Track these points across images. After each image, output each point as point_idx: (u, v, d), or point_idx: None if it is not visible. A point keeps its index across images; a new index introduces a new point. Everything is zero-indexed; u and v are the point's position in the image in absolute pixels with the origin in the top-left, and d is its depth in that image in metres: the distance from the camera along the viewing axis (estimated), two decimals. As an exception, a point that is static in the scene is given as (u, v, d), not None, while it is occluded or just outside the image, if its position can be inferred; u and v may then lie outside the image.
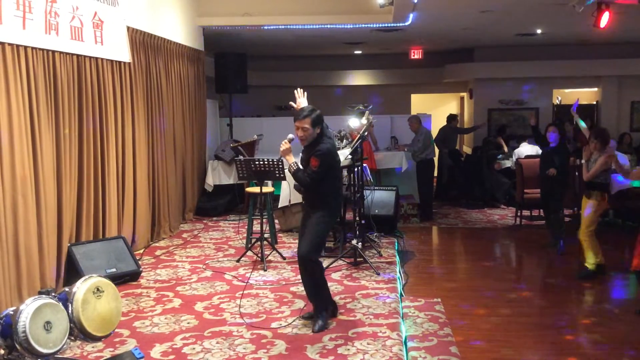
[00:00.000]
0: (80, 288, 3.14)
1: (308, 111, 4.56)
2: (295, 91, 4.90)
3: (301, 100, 4.85)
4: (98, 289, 3.21)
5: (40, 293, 3.09)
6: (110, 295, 3.28)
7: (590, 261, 6.38)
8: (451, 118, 12.03)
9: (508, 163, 10.77)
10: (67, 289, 3.23)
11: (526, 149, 9.90)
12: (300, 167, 4.64)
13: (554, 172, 7.38)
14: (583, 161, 6.63)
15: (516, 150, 10.12)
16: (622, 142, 11.29)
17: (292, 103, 4.89)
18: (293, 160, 4.63)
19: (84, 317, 3.08)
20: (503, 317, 5.28)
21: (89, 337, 3.15)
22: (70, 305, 3.09)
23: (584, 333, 4.94)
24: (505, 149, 11.42)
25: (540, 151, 8.49)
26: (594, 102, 14.17)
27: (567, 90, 14.49)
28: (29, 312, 2.90)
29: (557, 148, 7.54)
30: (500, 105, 13.99)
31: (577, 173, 8.84)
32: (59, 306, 3.04)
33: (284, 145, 4.63)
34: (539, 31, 11.13)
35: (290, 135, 4.69)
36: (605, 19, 7.63)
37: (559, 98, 10.02)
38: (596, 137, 6.42)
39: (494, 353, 4.51)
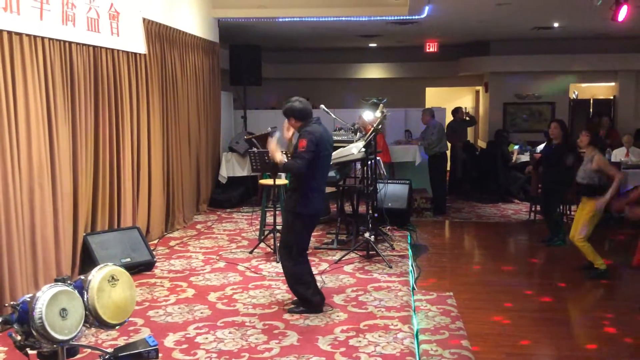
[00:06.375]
0: (96, 276, 3.17)
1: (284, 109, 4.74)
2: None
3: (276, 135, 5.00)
4: (113, 277, 3.24)
5: (56, 281, 3.13)
6: (125, 283, 3.31)
7: (598, 262, 6.22)
8: (455, 111, 11.97)
9: (524, 157, 10.67)
10: (82, 277, 3.26)
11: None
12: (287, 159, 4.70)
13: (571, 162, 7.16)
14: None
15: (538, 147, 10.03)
16: (639, 138, 11.14)
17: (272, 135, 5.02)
18: (280, 159, 4.67)
19: (99, 305, 3.12)
20: (516, 312, 5.25)
21: (103, 325, 3.19)
22: (85, 293, 3.13)
23: (598, 329, 4.90)
24: (514, 158, 11.14)
25: None
26: (611, 97, 14.01)
27: (584, 85, 14.34)
28: (45, 299, 2.94)
29: (560, 146, 7.40)
30: (516, 100, 13.86)
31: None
32: (74, 294, 3.08)
33: (272, 144, 4.73)
34: (556, 25, 11.01)
35: (276, 134, 4.93)
36: (623, 13, 7.53)
37: (576, 92, 9.87)
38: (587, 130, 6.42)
39: (506, 347, 4.50)
